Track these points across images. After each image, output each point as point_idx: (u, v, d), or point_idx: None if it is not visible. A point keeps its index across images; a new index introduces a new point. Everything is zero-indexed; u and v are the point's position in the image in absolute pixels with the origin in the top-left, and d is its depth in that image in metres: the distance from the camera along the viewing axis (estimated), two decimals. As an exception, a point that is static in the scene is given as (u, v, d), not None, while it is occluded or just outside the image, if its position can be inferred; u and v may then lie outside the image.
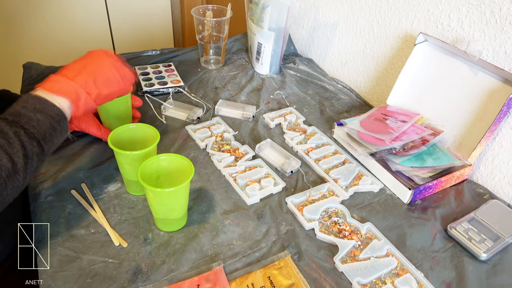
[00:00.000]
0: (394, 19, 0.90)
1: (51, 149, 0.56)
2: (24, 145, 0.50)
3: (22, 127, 0.51)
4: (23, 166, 0.50)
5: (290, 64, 1.12)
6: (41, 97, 0.55)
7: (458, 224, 0.65)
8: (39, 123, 0.53)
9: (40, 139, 0.52)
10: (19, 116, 0.52)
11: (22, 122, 0.51)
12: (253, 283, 0.54)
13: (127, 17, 1.96)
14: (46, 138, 0.53)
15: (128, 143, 0.65)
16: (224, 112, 0.89)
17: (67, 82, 0.58)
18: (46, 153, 0.54)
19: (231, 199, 0.68)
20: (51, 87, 0.56)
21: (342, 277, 0.57)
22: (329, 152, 0.79)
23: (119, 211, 0.64)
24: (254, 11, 0.98)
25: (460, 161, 0.74)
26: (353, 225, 0.64)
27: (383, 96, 0.98)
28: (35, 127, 0.52)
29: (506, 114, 0.70)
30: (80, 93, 0.59)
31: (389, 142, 0.74)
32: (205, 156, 0.77)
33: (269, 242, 0.61)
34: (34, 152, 0.51)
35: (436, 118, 0.80)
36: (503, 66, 0.71)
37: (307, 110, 0.93)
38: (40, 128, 0.53)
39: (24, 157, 0.50)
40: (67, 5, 1.78)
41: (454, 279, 0.58)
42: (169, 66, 1.04)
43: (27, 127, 0.51)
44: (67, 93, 0.57)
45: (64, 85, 0.57)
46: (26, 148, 0.50)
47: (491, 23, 0.71)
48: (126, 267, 0.56)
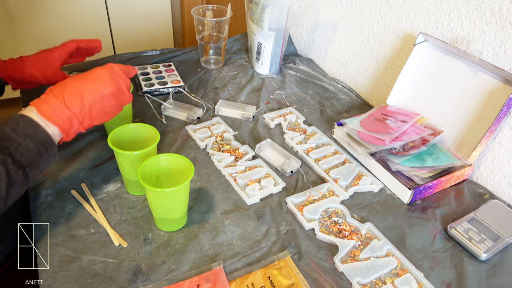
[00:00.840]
0: (394, 19, 0.90)
1: (36, 175, 0.54)
2: (9, 174, 0.49)
3: (10, 154, 0.49)
4: (5, 195, 0.49)
5: (290, 64, 1.12)
6: (33, 121, 0.53)
7: (458, 224, 0.65)
8: (27, 149, 0.51)
9: (26, 167, 0.51)
10: (8, 141, 0.50)
11: (11, 149, 0.50)
12: (253, 283, 0.54)
13: (127, 17, 1.96)
14: (32, 165, 0.52)
15: (128, 143, 0.65)
16: (224, 112, 0.89)
17: (62, 110, 0.55)
18: (30, 179, 0.53)
19: (231, 199, 0.68)
20: (46, 111, 0.54)
21: (342, 277, 0.57)
22: (329, 152, 0.79)
23: (119, 211, 0.64)
24: (254, 11, 0.98)
25: (460, 161, 0.74)
26: (353, 225, 0.64)
27: (383, 96, 0.98)
28: (24, 154, 0.51)
29: (506, 114, 0.70)
30: (73, 122, 0.57)
31: (389, 142, 0.74)
32: (205, 156, 0.77)
33: (269, 242, 0.61)
34: (18, 181, 0.50)
35: (436, 118, 0.80)
36: (503, 66, 0.71)
37: (307, 110, 0.93)
38: (28, 156, 0.51)
39: (8, 186, 0.49)
40: (67, 5, 1.78)
41: (454, 279, 0.58)
42: (169, 66, 1.04)
43: (15, 154, 0.50)
44: (60, 121, 0.55)
45: (58, 111, 0.55)
46: (11, 177, 0.49)
47: (491, 23, 0.71)
48: (126, 267, 0.56)
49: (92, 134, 0.79)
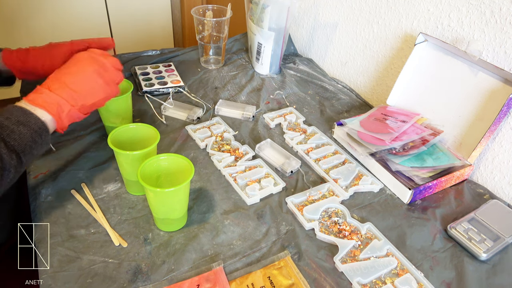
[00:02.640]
0: (394, 19, 0.90)
1: (30, 160, 0.56)
2: (2, 157, 0.51)
3: (3, 139, 0.51)
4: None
5: (290, 64, 1.12)
6: (26, 109, 0.55)
7: (458, 224, 0.65)
8: (20, 136, 0.53)
9: (20, 152, 0.53)
10: (2, 128, 0.52)
11: (3, 135, 0.52)
12: (253, 283, 0.54)
13: (127, 17, 1.96)
14: (26, 150, 0.54)
15: (128, 143, 0.65)
16: (224, 112, 0.89)
17: (49, 95, 0.57)
18: (24, 165, 0.55)
19: (231, 199, 0.68)
20: (34, 99, 0.57)
21: (342, 277, 0.57)
22: (329, 152, 0.79)
23: (119, 211, 0.64)
24: (254, 11, 0.98)
25: (460, 161, 0.74)
26: (353, 225, 0.64)
27: (383, 96, 0.98)
28: (16, 139, 0.52)
29: (506, 114, 0.70)
30: (63, 105, 0.58)
31: (389, 142, 0.74)
32: (205, 156, 0.77)
33: (269, 242, 0.61)
34: (11, 165, 0.52)
35: (436, 118, 0.80)
36: (503, 66, 0.71)
37: (307, 110, 0.93)
38: (21, 141, 0.53)
39: (1, 169, 0.50)
40: (67, 5, 1.79)
41: (454, 279, 0.58)
42: (169, 66, 1.04)
43: (8, 139, 0.52)
44: (48, 106, 0.57)
45: (46, 97, 0.57)
46: (4, 160, 0.51)
47: (491, 23, 0.71)
48: (126, 267, 0.56)
49: (92, 134, 0.79)
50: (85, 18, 1.85)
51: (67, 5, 1.78)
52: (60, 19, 1.80)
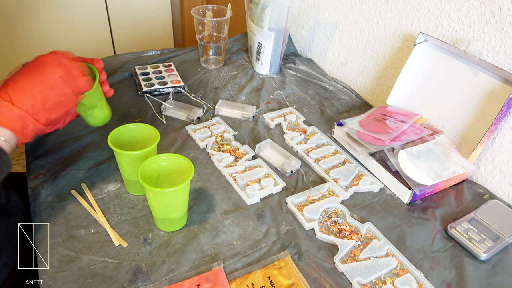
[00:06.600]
0: (394, 19, 0.90)
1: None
2: None
3: None
4: None
5: (290, 64, 1.12)
6: None
7: (458, 224, 0.65)
8: None
9: None
10: None
11: None
12: (253, 283, 0.54)
13: (127, 17, 1.96)
14: None
15: (128, 143, 0.65)
16: (224, 112, 0.89)
17: (11, 110, 0.50)
18: None
19: (231, 199, 0.68)
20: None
21: (342, 277, 0.57)
22: (329, 152, 0.79)
23: (119, 211, 0.64)
24: (254, 11, 0.98)
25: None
26: (353, 225, 0.64)
27: (383, 96, 0.98)
28: None
29: (506, 114, 0.70)
30: (27, 121, 0.52)
31: (388, 142, 0.74)
32: (205, 156, 0.77)
33: (269, 242, 0.61)
34: None
35: (436, 118, 0.80)
36: (503, 66, 0.71)
37: (307, 110, 0.93)
38: None
39: None
40: (67, 5, 1.78)
41: (454, 279, 0.58)
42: (169, 66, 1.04)
43: None
44: (10, 123, 0.50)
45: (7, 113, 0.50)
46: None
47: (491, 23, 0.71)
48: (126, 267, 0.56)
49: (92, 134, 0.79)
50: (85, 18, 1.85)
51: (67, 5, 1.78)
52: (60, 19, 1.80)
